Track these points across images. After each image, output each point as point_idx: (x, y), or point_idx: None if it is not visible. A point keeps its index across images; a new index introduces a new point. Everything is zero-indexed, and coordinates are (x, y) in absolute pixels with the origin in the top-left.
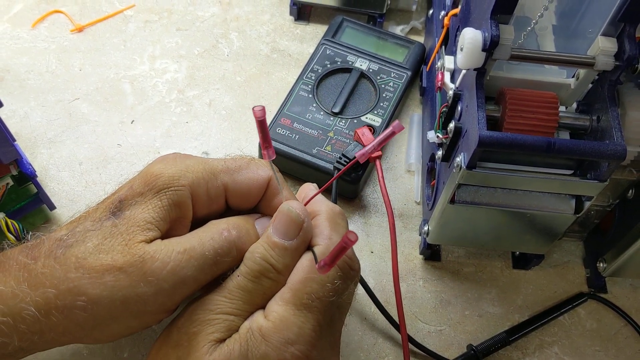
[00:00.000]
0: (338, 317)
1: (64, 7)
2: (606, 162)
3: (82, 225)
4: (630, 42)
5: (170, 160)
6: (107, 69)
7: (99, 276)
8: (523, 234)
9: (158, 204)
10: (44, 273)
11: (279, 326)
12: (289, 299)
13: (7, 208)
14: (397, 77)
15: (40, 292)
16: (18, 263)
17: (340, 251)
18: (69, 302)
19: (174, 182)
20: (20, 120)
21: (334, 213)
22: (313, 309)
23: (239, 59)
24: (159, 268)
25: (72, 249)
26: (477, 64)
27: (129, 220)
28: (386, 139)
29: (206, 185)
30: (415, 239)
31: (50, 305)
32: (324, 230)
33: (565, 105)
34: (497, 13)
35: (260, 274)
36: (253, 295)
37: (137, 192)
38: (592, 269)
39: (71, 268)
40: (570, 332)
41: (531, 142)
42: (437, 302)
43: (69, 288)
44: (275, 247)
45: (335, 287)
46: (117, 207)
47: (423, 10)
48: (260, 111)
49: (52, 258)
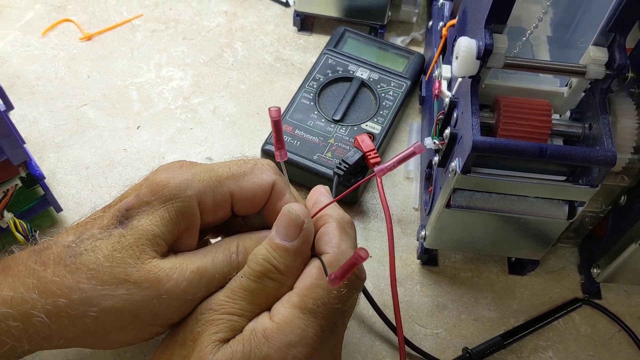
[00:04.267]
0: (341, 322)
1: (74, 16)
2: (597, 167)
3: (90, 232)
4: (621, 51)
5: (176, 169)
6: (114, 76)
7: (113, 288)
8: (518, 239)
9: (166, 216)
10: (55, 281)
11: (283, 328)
12: (295, 302)
13: (15, 209)
14: (397, 86)
15: (51, 300)
16: (27, 268)
17: (350, 267)
18: (81, 312)
19: (181, 192)
20: (30, 124)
21: (344, 221)
22: (318, 314)
23: (243, 67)
24: (173, 287)
25: (82, 258)
26: (472, 71)
27: (136, 231)
28: (406, 158)
29: (212, 193)
30: (413, 244)
31: (61, 313)
32: (333, 238)
33: (559, 113)
34: (491, 23)
35: (263, 275)
36: (256, 295)
37: (144, 201)
38: (586, 275)
39: (83, 278)
40: (564, 337)
41: (524, 147)
42: (434, 306)
43: (81, 298)
44: (277, 249)
45: (341, 295)
46: (124, 215)
47: (423, 21)
48: (276, 111)
49: (62, 266)
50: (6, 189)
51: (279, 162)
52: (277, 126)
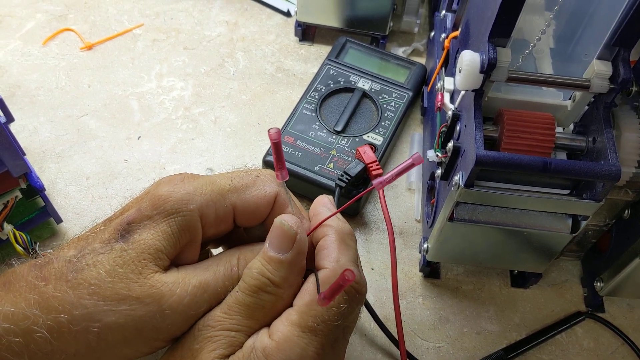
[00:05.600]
0: (342, 338)
1: (75, 26)
2: (601, 182)
3: (91, 247)
4: (625, 65)
5: (178, 182)
6: (115, 86)
7: (115, 304)
8: (521, 252)
9: (168, 230)
10: (56, 297)
11: (282, 346)
12: (295, 320)
13: (15, 220)
14: (399, 97)
15: (52, 316)
16: (28, 284)
17: (338, 288)
18: (83, 328)
19: (183, 206)
20: (30, 135)
21: (344, 233)
22: (318, 332)
23: (244, 77)
24: (176, 302)
25: (84, 274)
26: (475, 85)
27: (138, 245)
28: (405, 170)
29: (215, 207)
30: (415, 257)
31: (62, 329)
32: (332, 252)
33: (563, 126)
34: (495, 36)
35: (258, 289)
36: (252, 309)
37: (146, 215)
38: (589, 288)
39: (84, 294)
40: (567, 351)
41: (527, 161)
42: (436, 319)
43: (82, 314)
44: (271, 262)
45: (341, 312)
46: (125, 229)
47: (425, 32)
48: (276, 134)
49: (63, 281)
50: (6, 201)
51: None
52: (277, 147)
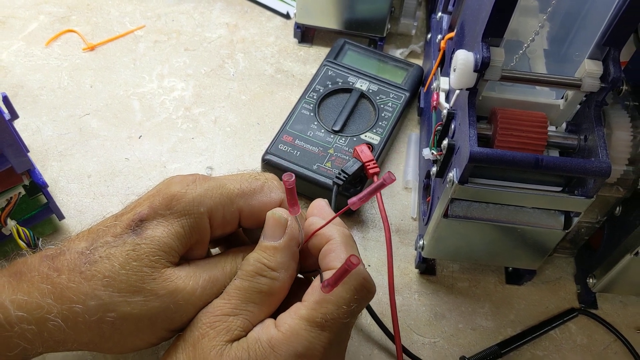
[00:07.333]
0: (346, 333)
1: (77, 27)
2: (592, 179)
3: (103, 239)
4: (615, 65)
5: (190, 183)
6: (116, 87)
7: (129, 295)
8: (515, 249)
9: (180, 230)
10: (71, 287)
11: (290, 338)
12: (304, 315)
13: (18, 217)
14: (396, 97)
15: (67, 306)
16: (40, 274)
17: (343, 273)
18: (98, 318)
19: (194, 208)
20: (33, 133)
21: (346, 237)
22: (326, 328)
23: (244, 78)
24: (189, 294)
25: (98, 265)
26: (469, 84)
27: (151, 240)
28: (377, 189)
29: (223, 210)
30: (411, 254)
31: (77, 319)
32: (340, 254)
33: (555, 125)
34: (488, 36)
35: (255, 273)
36: (249, 292)
37: (159, 213)
38: (582, 285)
39: (99, 285)
40: (560, 347)
41: (520, 158)
42: (432, 315)
43: (97, 304)
44: (266, 250)
45: (351, 310)
46: (137, 225)
47: (422, 34)
48: (291, 181)
49: (77, 273)
50: (9, 197)
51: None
52: (292, 192)
